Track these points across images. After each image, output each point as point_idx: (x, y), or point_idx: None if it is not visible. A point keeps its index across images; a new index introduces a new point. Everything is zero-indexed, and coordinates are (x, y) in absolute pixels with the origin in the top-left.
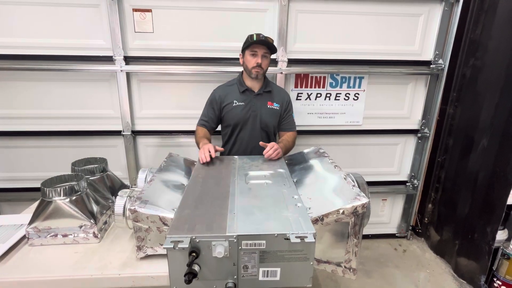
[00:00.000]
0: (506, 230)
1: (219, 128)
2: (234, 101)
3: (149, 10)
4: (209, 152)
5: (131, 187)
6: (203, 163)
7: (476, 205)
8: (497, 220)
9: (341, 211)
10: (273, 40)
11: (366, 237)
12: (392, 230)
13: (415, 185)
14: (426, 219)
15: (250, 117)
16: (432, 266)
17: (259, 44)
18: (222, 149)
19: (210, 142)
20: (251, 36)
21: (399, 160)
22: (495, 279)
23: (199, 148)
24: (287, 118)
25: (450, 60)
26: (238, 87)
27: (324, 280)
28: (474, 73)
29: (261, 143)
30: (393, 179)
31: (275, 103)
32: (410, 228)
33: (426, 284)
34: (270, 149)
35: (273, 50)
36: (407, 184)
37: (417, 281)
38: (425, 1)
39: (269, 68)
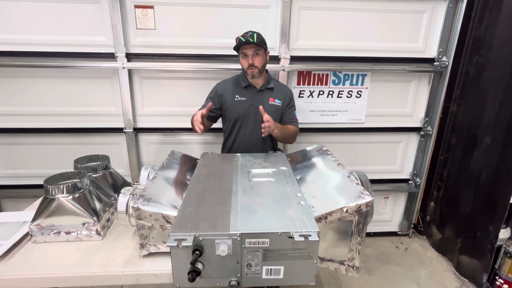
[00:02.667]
0: (508, 229)
1: (220, 125)
2: (236, 96)
3: (151, 7)
4: (199, 120)
5: (133, 184)
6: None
7: (478, 203)
8: (500, 218)
9: (345, 209)
10: (260, 36)
11: (367, 235)
12: (394, 228)
13: (417, 183)
14: (428, 217)
15: (251, 113)
16: (434, 264)
17: (246, 44)
18: (209, 104)
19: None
20: (239, 38)
21: (401, 158)
22: (497, 277)
23: (193, 127)
24: (288, 113)
25: (454, 57)
26: (240, 83)
27: (325, 278)
28: (478, 71)
29: (260, 107)
30: (395, 177)
31: (277, 100)
32: (412, 226)
33: (428, 282)
34: (266, 121)
35: (263, 45)
36: (409, 182)
37: (418, 279)
38: None
39: (271, 65)
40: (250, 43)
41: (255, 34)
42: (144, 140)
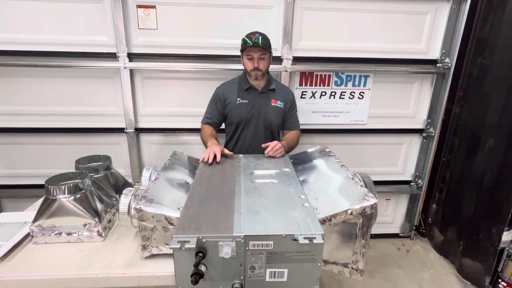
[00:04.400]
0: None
1: (222, 126)
2: (238, 99)
3: (153, 7)
4: (215, 155)
5: (134, 185)
6: (204, 161)
7: (481, 205)
8: (503, 221)
9: (349, 211)
10: (267, 39)
11: None
12: (396, 230)
13: (419, 185)
14: (430, 219)
15: (254, 115)
16: (436, 267)
17: (253, 47)
18: (231, 153)
19: (217, 140)
20: (245, 40)
21: (403, 160)
22: (500, 280)
23: (206, 146)
24: (291, 116)
25: (457, 59)
26: (242, 85)
27: (327, 280)
28: (481, 72)
29: (263, 145)
30: (397, 179)
31: (279, 101)
32: (414, 228)
33: (430, 284)
34: (272, 149)
35: (269, 49)
36: (411, 184)
37: (420, 281)
38: None
39: (274, 66)
40: (257, 46)
41: (261, 37)
42: (145, 141)
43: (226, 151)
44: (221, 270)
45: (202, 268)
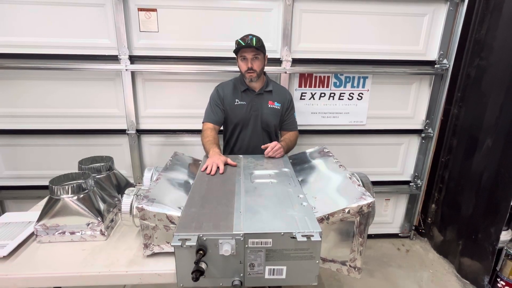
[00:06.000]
0: (510, 231)
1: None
2: (236, 100)
3: (154, 10)
4: (218, 168)
5: (136, 185)
6: (206, 173)
7: (480, 205)
8: (501, 220)
9: (346, 210)
10: (260, 40)
11: (369, 236)
12: (395, 230)
13: (419, 185)
14: (429, 219)
15: (251, 117)
16: (435, 266)
17: (246, 48)
18: (234, 163)
19: (219, 148)
20: (238, 41)
21: (402, 160)
22: (498, 280)
23: (205, 150)
24: (289, 117)
25: (454, 60)
26: (239, 86)
27: (327, 279)
28: (479, 73)
29: (263, 146)
30: (397, 179)
31: (276, 103)
32: (413, 228)
33: (429, 284)
34: (271, 149)
35: (262, 49)
36: (410, 184)
37: (420, 281)
38: (430, 1)
39: (273, 67)
40: (250, 47)
41: (254, 38)
42: (146, 142)
43: (230, 161)
44: (221, 268)
45: (203, 265)
